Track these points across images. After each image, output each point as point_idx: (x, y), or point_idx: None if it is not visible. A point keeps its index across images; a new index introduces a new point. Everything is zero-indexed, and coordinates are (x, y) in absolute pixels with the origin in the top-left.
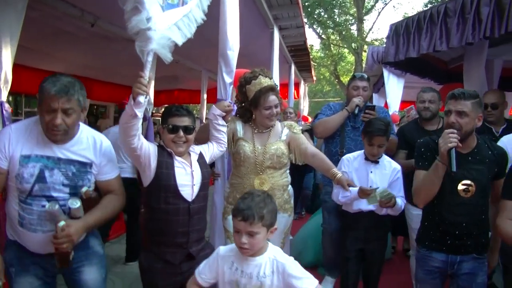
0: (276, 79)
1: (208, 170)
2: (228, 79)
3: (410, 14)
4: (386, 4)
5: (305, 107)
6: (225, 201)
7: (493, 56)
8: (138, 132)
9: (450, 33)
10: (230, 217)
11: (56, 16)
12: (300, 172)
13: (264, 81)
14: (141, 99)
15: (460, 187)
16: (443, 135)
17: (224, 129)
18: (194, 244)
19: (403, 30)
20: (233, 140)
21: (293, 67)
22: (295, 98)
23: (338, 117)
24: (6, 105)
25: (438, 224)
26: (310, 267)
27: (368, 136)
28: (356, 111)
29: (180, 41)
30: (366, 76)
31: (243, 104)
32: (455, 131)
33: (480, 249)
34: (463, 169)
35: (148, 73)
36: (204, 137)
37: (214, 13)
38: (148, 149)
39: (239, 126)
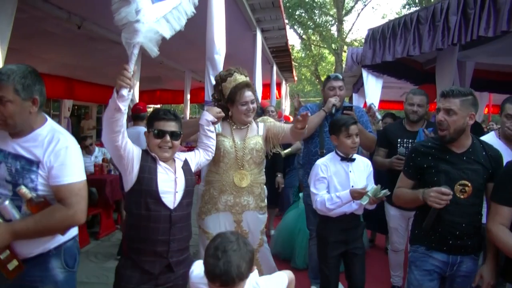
0: (258, 79)
1: (193, 177)
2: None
3: (389, 15)
4: (365, 5)
5: (286, 107)
6: (200, 200)
7: (466, 58)
8: (123, 129)
9: (422, 39)
10: (207, 218)
11: (42, 18)
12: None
13: (239, 78)
14: (125, 92)
15: (457, 187)
16: (437, 195)
17: (214, 136)
18: (175, 254)
19: (379, 35)
20: None
21: (275, 67)
22: (277, 98)
23: (316, 117)
24: None
25: (436, 224)
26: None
27: (345, 128)
28: (333, 111)
29: (168, 35)
30: (340, 76)
31: (220, 102)
32: (450, 196)
33: (477, 249)
34: (458, 169)
35: (133, 66)
36: (187, 133)
37: (198, 16)
38: (132, 151)
39: (218, 124)
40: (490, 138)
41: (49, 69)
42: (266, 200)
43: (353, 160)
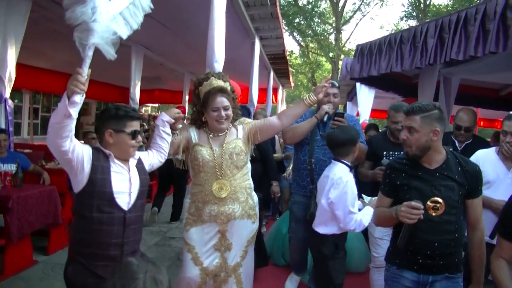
0: (255, 84)
1: (147, 177)
2: None
3: (386, 26)
4: (363, 15)
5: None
6: (186, 213)
7: (451, 74)
8: (71, 134)
9: (404, 57)
10: (192, 230)
11: (52, 18)
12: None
13: (215, 83)
14: (77, 98)
15: (429, 204)
16: (407, 209)
17: (169, 138)
18: (129, 256)
19: (367, 51)
20: (188, 148)
21: (272, 73)
22: (273, 102)
23: (307, 123)
24: (10, 101)
25: (408, 243)
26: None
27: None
28: (325, 119)
29: (125, 34)
30: (336, 83)
31: (196, 107)
32: (421, 210)
33: (454, 269)
34: (431, 185)
35: (86, 69)
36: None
37: (199, 21)
38: (82, 152)
39: (193, 133)
40: (488, 153)
41: (53, 65)
42: (257, 209)
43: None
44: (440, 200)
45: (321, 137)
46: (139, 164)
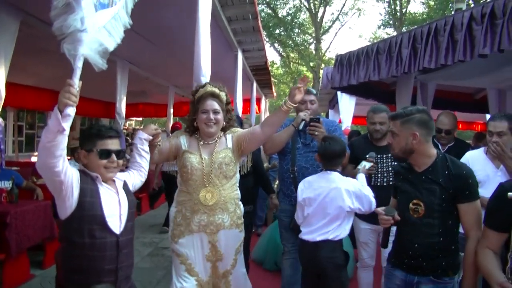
0: (239, 95)
1: (134, 198)
2: None
3: (364, 35)
4: (342, 25)
5: None
6: (172, 223)
7: (428, 80)
8: (64, 153)
9: (381, 67)
10: (181, 241)
11: (37, 36)
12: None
13: (210, 88)
14: (70, 111)
15: (411, 206)
16: (379, 216)
17: (148, 156)
18: (123, 283)
19: (346, 61)
20: (178, 155)
21: (255, 84)
22: (256, 112)
23: (284, 132)
24: (0, 119)
25: (396, 242)
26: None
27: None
28: (301, 127)
29: (111, 46)
30: (313, 90)
31: (190, 113)
32: (388, 218)
33: (440, 272)
34: (415, 188)
35: (77, 81)
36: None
37: (185, 35)
38: (72, 174)
39: (183, 140)
40: (477, 153)
41: (36, 82)
42: (243, 218)
43: None
44: (420, 203)
45: (302, 145)
46: (125, 186)
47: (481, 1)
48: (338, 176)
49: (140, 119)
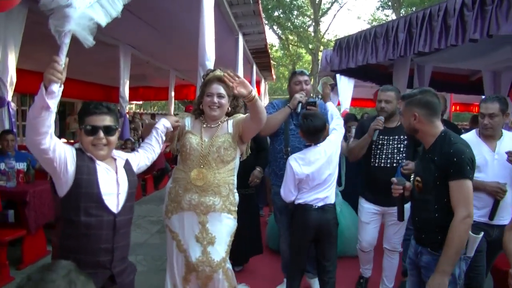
0: None
1: (135, 179)
2: None
3: (363, 16)
4: (341, 7)
5: (265, 104)
6: (166, 198)
7: (424, 63)
8: (51, 130)
9: (378, 50)
10: (173, 217)
11: (39, 21)
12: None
13: (218, 73)
14: (55, 87)
15: (415, 182)
16: (392, 186)
17: (162, 143)
18: (118, 263)
19: (345, 45)
20: (181, 134)
21: (254, 67)
22: None
23: (280, 114)
24: (12, 104)
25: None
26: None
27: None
28: (299, 109)
29: (103, 21)
30: (306, 71)
31: (198, 96)
32: (397, 186)
33: (436, 246)
34: (420, 165)
35: (63, 57)
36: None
37: (186, 20)
38: (64, 151)
39: (188, 121)
40: (470, 136)
41: (39, 67)
42: (236, 207)
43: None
44: (419, 178)
45: (295, 126)
46: (127, 165)
47: None
48: (324, 145)
49: (140, 102)
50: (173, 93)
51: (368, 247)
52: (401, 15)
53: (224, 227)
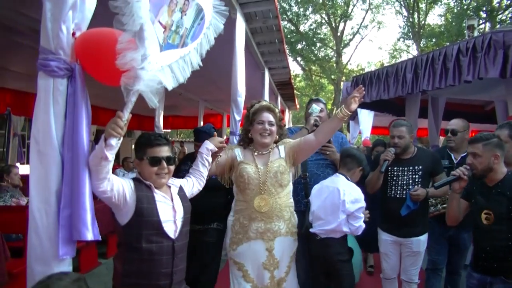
0: None
1: (189, 204)
2: (238, 118)
3: (384, 47)
4: (362, 38)
5: None
6: (230, 231)
7: (438, 95)
8: (109, 175)
9: (389, 88)
10: (239, 248)
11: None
12: None
13: (265, 103)
14: (114, 141)
15: (483, 215)
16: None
17: (209, 166)
18: (177, 286)
19: (361, 82)
20: (233, 166)
21: (279, 98)
22: None
23: (297, 136)
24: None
25: (473, 247)
26: None
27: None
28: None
29: (170, 85)
30: (322, 100)
31: (244, 126)
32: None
33: (509, 274)
34: (486, 200)
35: (127, 114)
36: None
37: (217, 55)
38: (122, 186)
39: (238, 152)
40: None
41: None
42: (297, 228)
43: None
44: (490, 212)
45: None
46: (181, 192)
47: (495, 13)
48: (343, 179)
49: (169, 131)
50: (202, 122)
51: (390, 273)
52: (421, 45)
53: (288, 250)
